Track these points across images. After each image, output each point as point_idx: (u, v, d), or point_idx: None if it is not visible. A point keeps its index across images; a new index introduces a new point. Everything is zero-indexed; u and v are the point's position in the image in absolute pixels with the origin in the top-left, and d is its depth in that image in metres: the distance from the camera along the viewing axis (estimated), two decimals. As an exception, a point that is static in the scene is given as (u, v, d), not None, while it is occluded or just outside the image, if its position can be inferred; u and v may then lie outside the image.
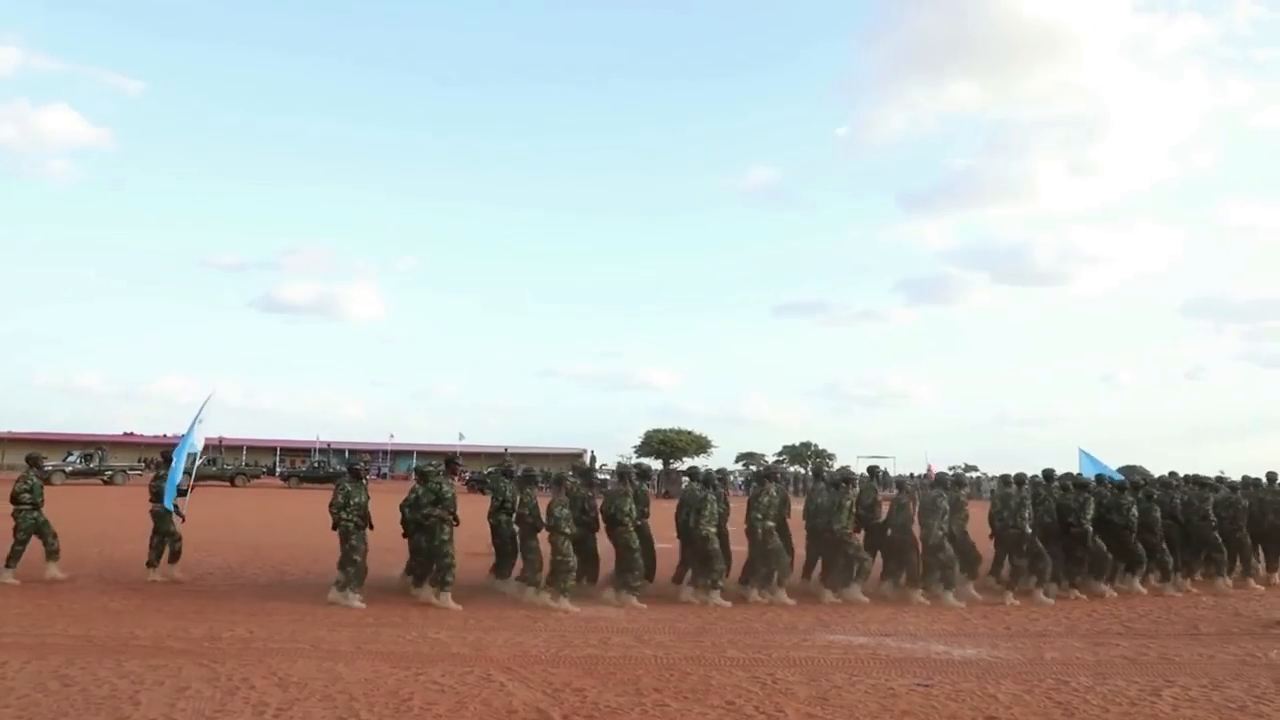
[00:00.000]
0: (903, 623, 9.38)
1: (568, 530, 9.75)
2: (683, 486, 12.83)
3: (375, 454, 65.40)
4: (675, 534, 10.97)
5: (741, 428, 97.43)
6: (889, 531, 11.29)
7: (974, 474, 52.59)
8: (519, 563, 10.42)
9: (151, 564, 11.08)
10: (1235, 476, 15.31)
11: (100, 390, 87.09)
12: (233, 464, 44.43)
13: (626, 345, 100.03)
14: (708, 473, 11.33)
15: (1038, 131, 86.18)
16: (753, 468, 55.37)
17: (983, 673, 7.22)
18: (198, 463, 12.13)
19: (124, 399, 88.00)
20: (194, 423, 12.38)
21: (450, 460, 11.20)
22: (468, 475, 40.00)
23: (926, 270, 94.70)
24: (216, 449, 52.23)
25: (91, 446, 43.96)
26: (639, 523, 10.50)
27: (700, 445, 58.66)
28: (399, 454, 65.06)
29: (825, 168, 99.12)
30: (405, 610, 9.44)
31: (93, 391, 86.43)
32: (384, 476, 58.70)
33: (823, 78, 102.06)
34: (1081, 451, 16.67)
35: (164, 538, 11.11)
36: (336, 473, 43.67)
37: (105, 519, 20.17)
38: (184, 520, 11.41)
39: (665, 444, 57.17)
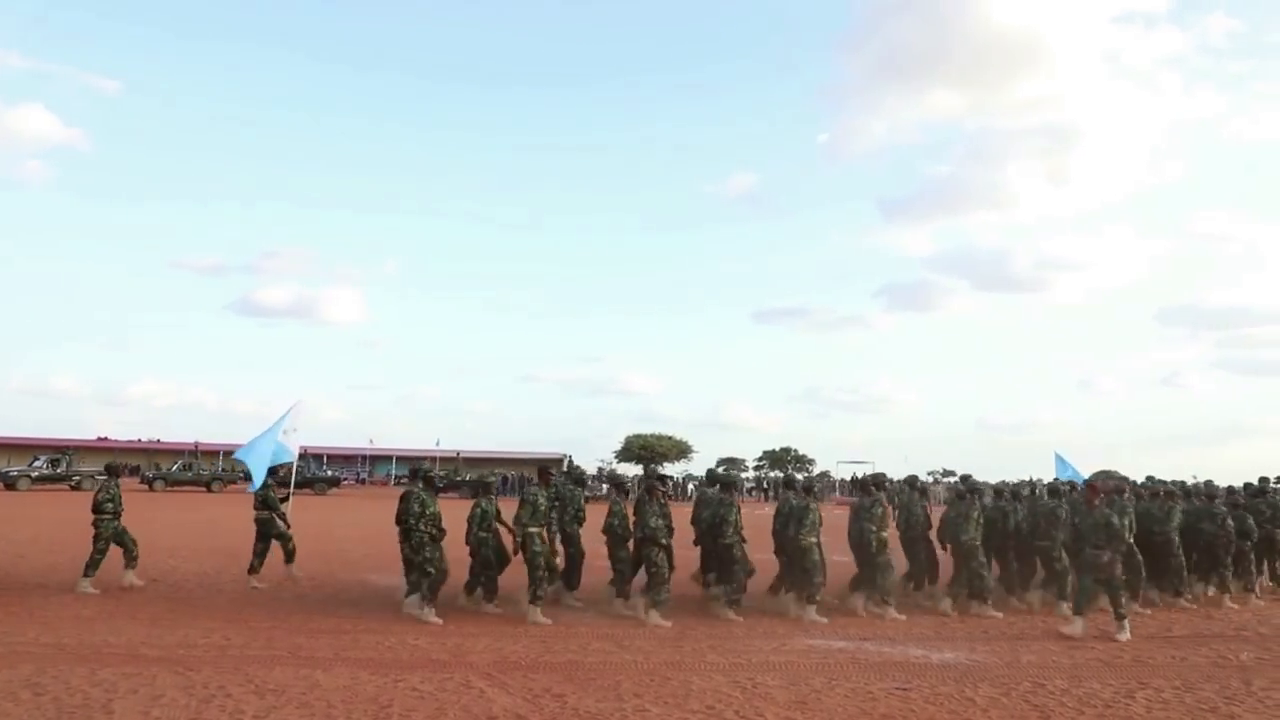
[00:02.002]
0: (881, 627, 9.43)
1: (665, 541, 9.47)
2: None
3: (354, 459, 65.00)
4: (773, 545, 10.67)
5: (722, 433, 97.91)
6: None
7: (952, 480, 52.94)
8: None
9: (254, 570, 11.26)
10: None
11: (73, 394, 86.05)
12: (209, 469, 43.91)
13: (607, 350, 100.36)
14: (808, 481, 10.94)
15: (1016, 140, 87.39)
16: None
17: (960, 676, 7.28)
18: (294, 469, 13.01)
19: (98, 403, 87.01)
20: (279, 430, 12.69)
21: (544, 469, 10.88)
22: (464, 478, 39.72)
23: (907, 276, 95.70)
24: (193, 454, 51.80)
25: (58, 451, 43.28)
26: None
27: (681, 450, 58.71)
28: (378, 458, 64.65)
29: (807, 175, 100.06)
30: (384, 616, 9.38)
31: (66, 395, 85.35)
32: (363, 481, 58.32)
33: (804, 86, 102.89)
34: (1058, 456, 16.87)
35: (269, 542, 11.37)
36: (316, 478, 43.31)
37: (75, 525, 19.86)
38: (288, 525, 11.71)
39: (646, 449, 57.17)
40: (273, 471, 12.01)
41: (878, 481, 11.06)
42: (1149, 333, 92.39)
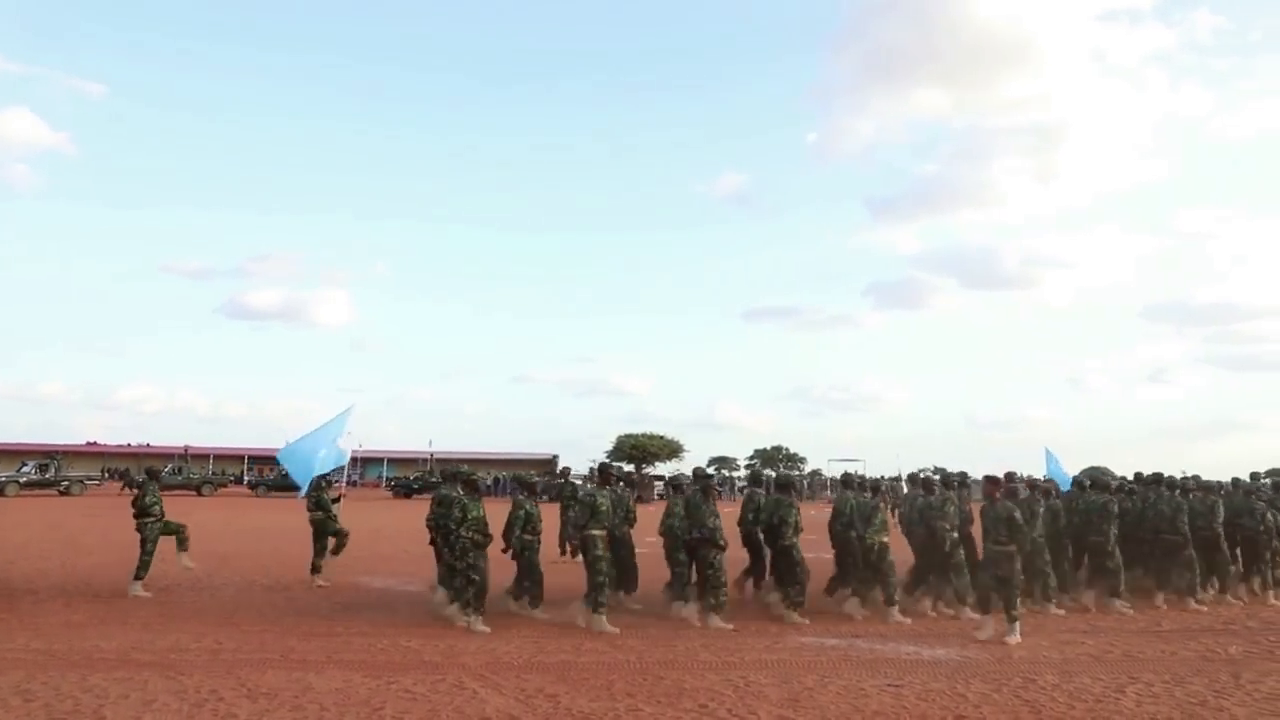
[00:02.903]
0: (873, 624, 9.45)
1: (723, 542, 9.29)
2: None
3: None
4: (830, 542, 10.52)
5: (714, 432, 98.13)
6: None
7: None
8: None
9: (316, 570, 11.62)
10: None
11: (61, 399, 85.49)
12: (199, 473, 43.71)
13: (599, 351, 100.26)
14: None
15: (1003, 139, 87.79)
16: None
17: (952, 672, 7.31)
18: (346, 473, 13.38)
19: (87, 407, 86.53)
20: (331, 435, 12.79)
21: (604, 468, 10.61)
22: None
23: (896, 275, 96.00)
24: (183, 458, 51.58)
25: (47, 456, 42.97)
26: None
27: (672, 450, 58.76)
28: (369, 461, 64.43)
29: (796, 174, 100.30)
30: (376, 619, 9.36)
31: (54, 399, 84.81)
32: (354, 484, 58.14)
33: (793, 86, 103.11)
34: (1048, 452, 16.93)
35: (326, 541, 11.65)
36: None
37: (64, 531, 19.77)
38: (337, 523, 11.91)
39: (637, 449, 57.22)
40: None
41: (956, 480, 10.77)
42: (1136, 329, 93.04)
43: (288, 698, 6.22)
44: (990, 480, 9.26)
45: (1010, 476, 10.69)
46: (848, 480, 10.95)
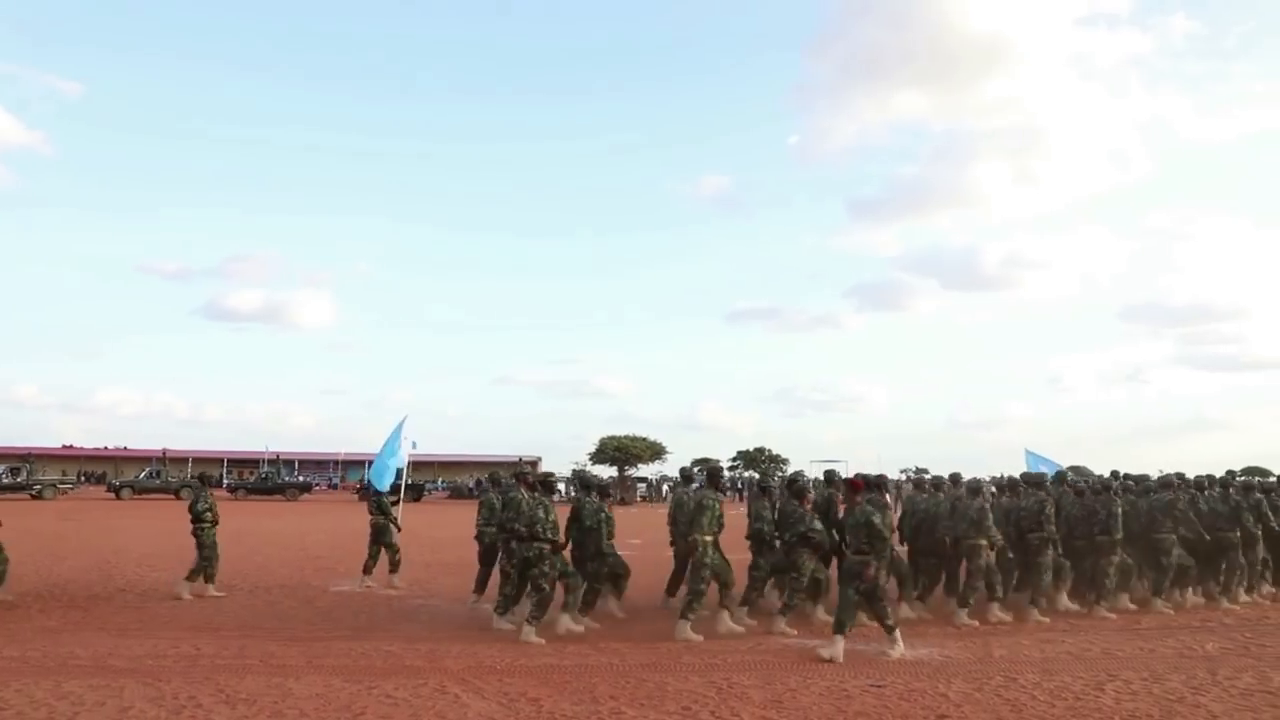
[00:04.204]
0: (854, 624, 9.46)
1: (826, 545, 9.15)
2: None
3: (326, 464, 64.37)
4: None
5: (696, 433, 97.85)
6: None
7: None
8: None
9: (368, 570, 11.81)
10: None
11: (37, 401, 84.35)
12: (177, 476, 43.27)
13: (580, 352, 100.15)
14: (975, 481, 10.22)
15: (983, 141, 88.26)
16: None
17: (934, 672, 7.34)
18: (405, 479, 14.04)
19: (63, 410, 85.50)
20: (396, 442, 13.54)
21: (714, 472, 10.02)
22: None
23: (877, 276, 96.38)
24: (160, 461, 51.02)
25: (19, 459, 42.40)
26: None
27: (655, 452, 58.69)
28: (350, 464, 64.04)
29: (777, 176, 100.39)
30: (357, 623, 9.30)
31: (29, 403, 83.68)
32: (335, 487, 57.78)
33: (774, 88, 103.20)
34: (1028, 452, 17.08)
35: (380, 546, 11.77)
36: (287, 484, 42.87)
37: (35, 536, 19.49)
38: (400, 530, 12.12)
39: (620, 451, 57.09)
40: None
41: (1036, 479, 10.49)
42: (1114, 330, 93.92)
43: (267, 703, 6.15)
44: (851, 482, 8.50)
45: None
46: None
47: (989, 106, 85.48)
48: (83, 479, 54.28)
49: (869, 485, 9.07)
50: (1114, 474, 13.59)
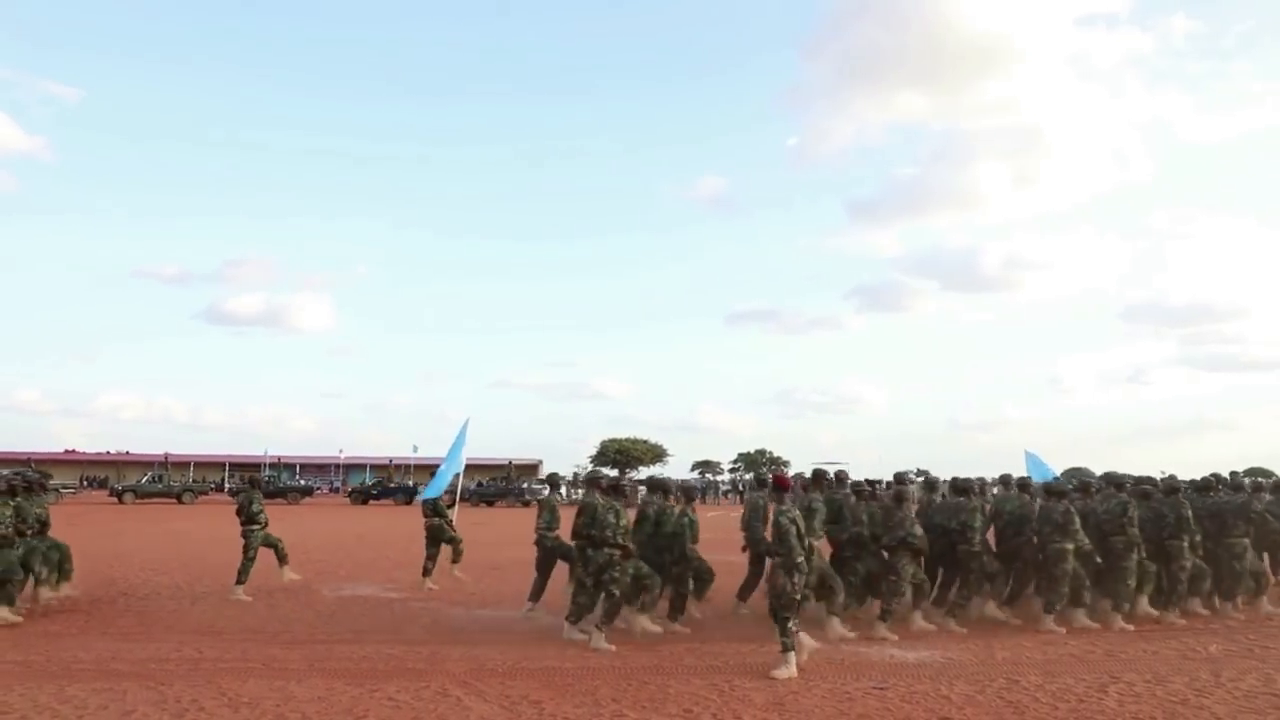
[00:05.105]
0: (856, 627, 9.45)
1: (925, 550, 9.05)
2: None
3: (327, 468, 64.37)
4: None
5: (696, 436, 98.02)
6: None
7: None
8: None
9: (427, 572, 11.98)
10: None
11: (39, 407, 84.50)
12: (179, 480, 43.31)
13: (580, 355, 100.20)
14: (1055, 482, 10.01)
15: (983, 141, 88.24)
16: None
17: (936, 674, 7.34)
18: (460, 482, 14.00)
19: (64, 415, 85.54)
20: (458, 446, 13.76)
21: (819, 475, 9.81)
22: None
23: (877, 278, 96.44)
24: (162, 465, 51.09)
25: (21, 464, 42.46)
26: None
27: (656, 454, 58.81)
28: (350, 467, 64.07)
29: (775, 177, 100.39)
30: (359, 626, 9.30)
31: (31, 408, 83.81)
32: (336, 490, 57.80)
33: (773, 90, 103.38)
34: (1028, 454, 17.04)
35: (440, 547, 12.03)
36: (288, 487, 42.84)
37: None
38: (454, 530, 12.28)
39: (621, 453, 57.23)
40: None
41: (1118, 481, 10.27)
42: (1115, 331, 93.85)
43: (270, 706, 6.16)
44: (778, 481, 8.05)
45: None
46: (1021, 484, 10.50)
47: (988, 107, 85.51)
48: (84, 483, 54.36)
49: (805, 485, 9.38)
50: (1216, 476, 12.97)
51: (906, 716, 6.13)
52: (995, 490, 11.66)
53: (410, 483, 49.06)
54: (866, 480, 10.76)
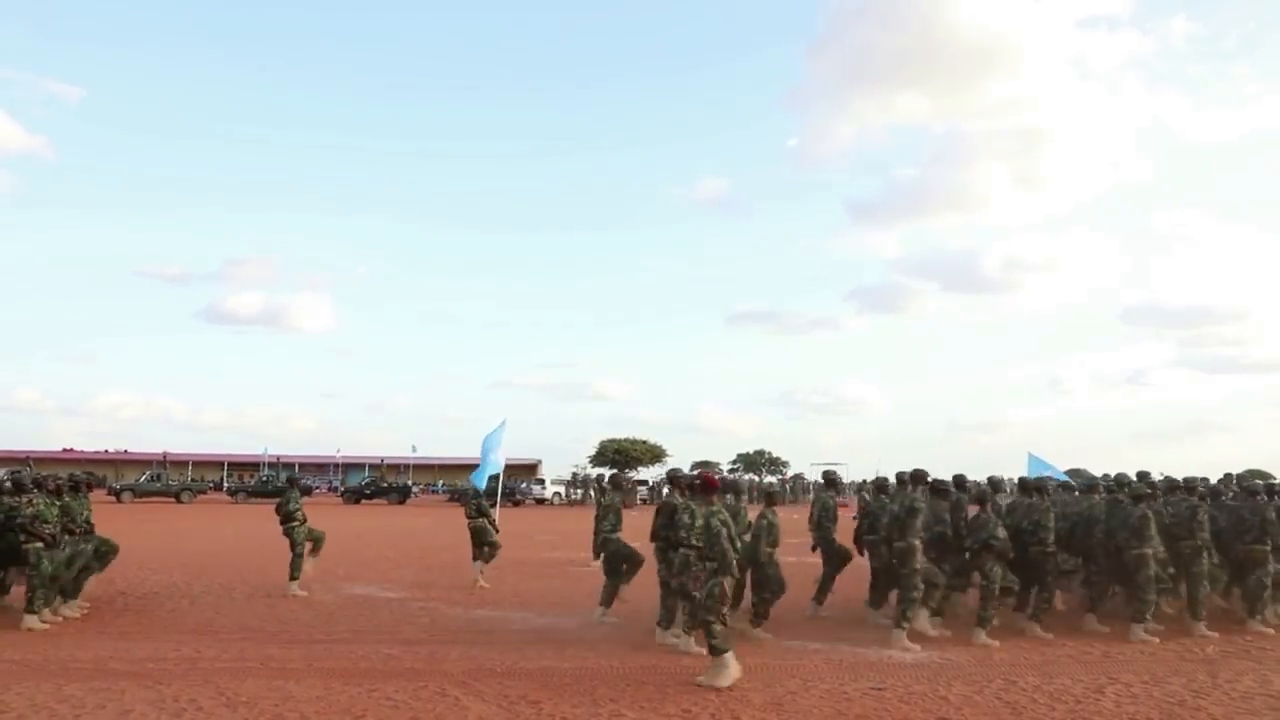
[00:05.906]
0: (854, 628, 9.47)
1: (1010, 553, 8.82)
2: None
3: (326, 467, 64.34)
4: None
5: (696, 436, 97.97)
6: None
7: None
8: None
9: (483, 559, 12.34)
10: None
11: (37, 405, 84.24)
12: (178, 479, 43.29)
13: (579, 356, 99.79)
14: (1127, 480, 9.67)
15: (984, 142, 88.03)
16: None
17: (934, 675, 7.34)
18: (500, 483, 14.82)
19: (63, 414, 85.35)
20: (495, 447, 14.07)
21: (918, 476, 9.51)
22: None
23: (877, 279, 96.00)
24: (161, 464, 51.07)
25: (19, 463, 42.43)
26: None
27: (655, 455, 58.74)
28: (350, 467, 64.05)
29: (776, 178, 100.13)
30: (357, 626, 9.30)
31: (29, 406, 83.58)
32: (335, 490, 57.78)
33: (774, 90, 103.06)
34: (1031, 456, 17.06)
35: (485, 547, 12.29)
36: (286, 487, 42.80)
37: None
38: (498, 532, 12.58)
39: (620, 454, 57.17)
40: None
41: (1188, 485, 9.94)
42: (1116, 332, 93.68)
43: (268, 706, 6.16)
44: (705, 481, 7.80)
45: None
46: (1088, 479, 10.47)
47: (989, 108, 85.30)
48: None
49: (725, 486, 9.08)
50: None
51: (904, 717, 6.13)
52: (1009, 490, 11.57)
53: (407, 482, 49.07)
54: (954, 479, 10.38)
